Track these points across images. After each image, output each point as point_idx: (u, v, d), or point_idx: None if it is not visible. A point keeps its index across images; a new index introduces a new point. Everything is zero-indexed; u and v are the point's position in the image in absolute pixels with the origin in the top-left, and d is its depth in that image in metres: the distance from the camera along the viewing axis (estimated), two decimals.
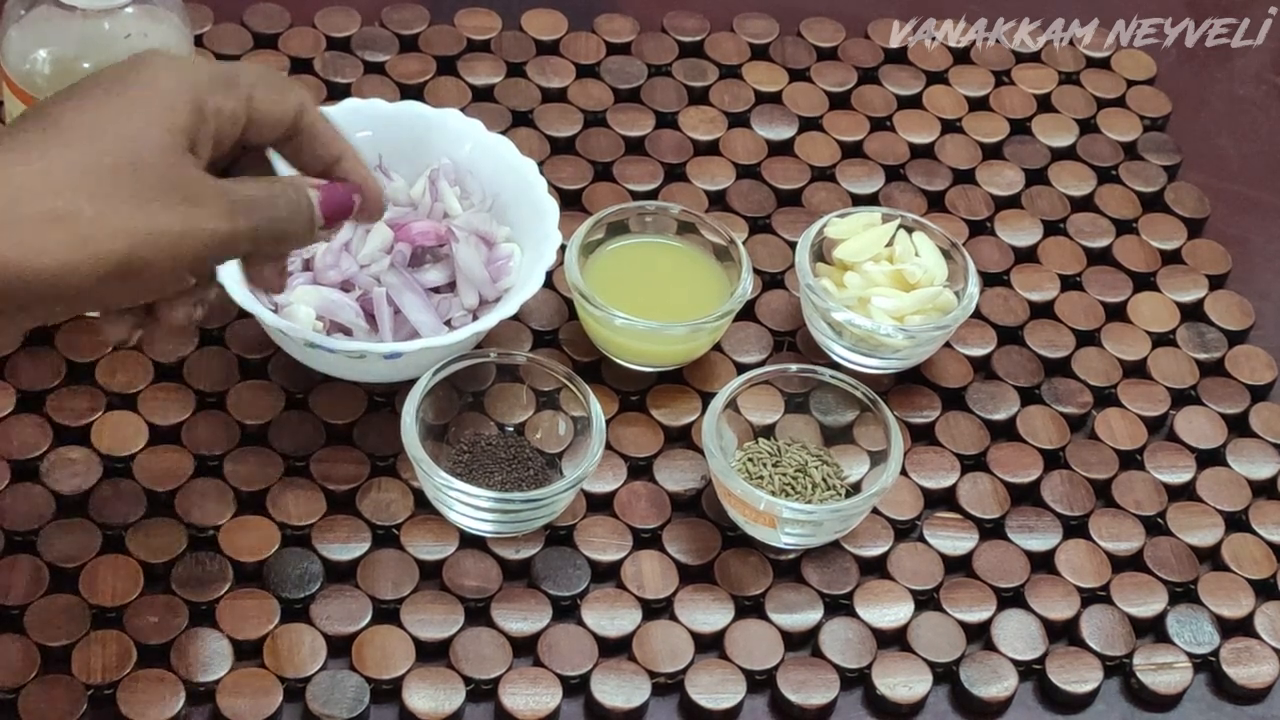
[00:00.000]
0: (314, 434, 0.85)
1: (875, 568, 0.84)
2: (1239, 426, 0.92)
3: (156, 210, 0.65)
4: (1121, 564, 0.86)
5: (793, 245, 0.95)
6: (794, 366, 0.87)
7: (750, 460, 0.85)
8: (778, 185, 1.00)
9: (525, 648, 0.80)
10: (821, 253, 0.91)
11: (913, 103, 1.05)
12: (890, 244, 0.91)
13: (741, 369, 0.89)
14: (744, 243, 0.92)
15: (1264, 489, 0.90)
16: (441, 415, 0.84)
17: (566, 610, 0.81)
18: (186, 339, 0.87)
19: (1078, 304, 0.96)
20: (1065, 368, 0.93)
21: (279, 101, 0.70)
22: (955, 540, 0.85)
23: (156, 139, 0.66)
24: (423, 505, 0.83)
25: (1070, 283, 0.98)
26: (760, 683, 0.80)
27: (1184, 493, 0.89)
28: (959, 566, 0.85)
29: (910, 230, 0.91)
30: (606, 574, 0.82)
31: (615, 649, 0.80)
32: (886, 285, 0.89)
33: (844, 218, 0.91)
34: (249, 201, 0.68)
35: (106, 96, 0.66)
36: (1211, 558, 0.87)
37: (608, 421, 0.84)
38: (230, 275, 0.83)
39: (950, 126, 1.05)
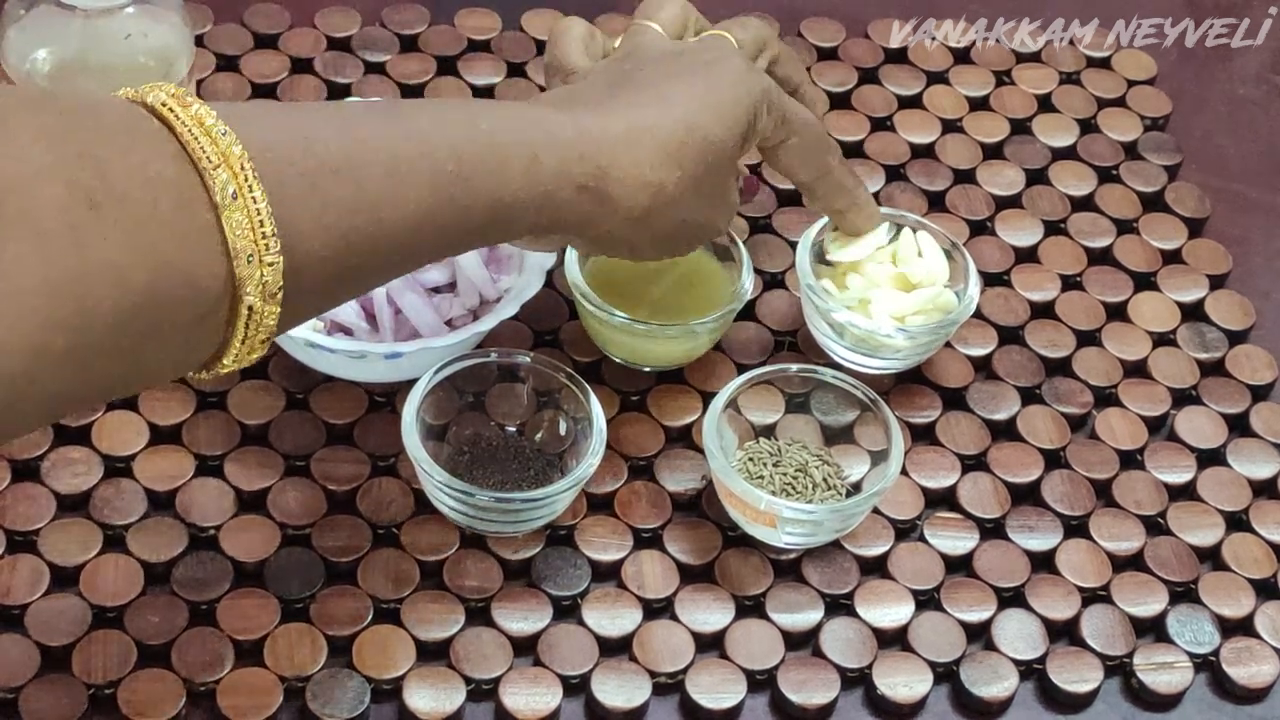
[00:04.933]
0: (314, 434, 0.85)
1: (875, 568, 0.84)
2: (1239, 426, 0.92)
3: (705, 208, 0.76)
4: (1122, 564, 0.86)
5: (793, 245, 0.95)
6: (794, 366, 0.87)
7: (750, 460, 0.84)
8: (778, 185, 0.99)
9: (525, 648, 0.79)
10: (822, 253, 0.91)
11: (913, 103, 1.05)
12: (891, 244, 0.91)
13: (741, 369, 0.89)
14: (744, 243, 0.92)
15: (1264, 489, 0.90)
16: (441, 415, 0.83)
17: (567, 610, 0.81)
18: None
19: (1078, 304, 0.96)
20: (1066, 368, 0.93)
21: (807, 160, 0.81)
22: (955, 540, 0.85)
23: (730, 149, 0.75)
24: (423, 505, 0.83)
25: (1071, 283, 0.97)
26: (761, 683, 0.80)
27: (1184, 493, 0.89)
28: (959, 566, 0.85)
29: (912, 230, 0.91)
30: (607, 574, 0.82)
31: (615, 649, 0.80)
32: (887, 286, 0.89)
33: None
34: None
35: (696, 83, 0.74)
36: (1212, 557, 0.87)
37: (608, 421, 0.84)
38: None
39: (951, 126, 1.04)
